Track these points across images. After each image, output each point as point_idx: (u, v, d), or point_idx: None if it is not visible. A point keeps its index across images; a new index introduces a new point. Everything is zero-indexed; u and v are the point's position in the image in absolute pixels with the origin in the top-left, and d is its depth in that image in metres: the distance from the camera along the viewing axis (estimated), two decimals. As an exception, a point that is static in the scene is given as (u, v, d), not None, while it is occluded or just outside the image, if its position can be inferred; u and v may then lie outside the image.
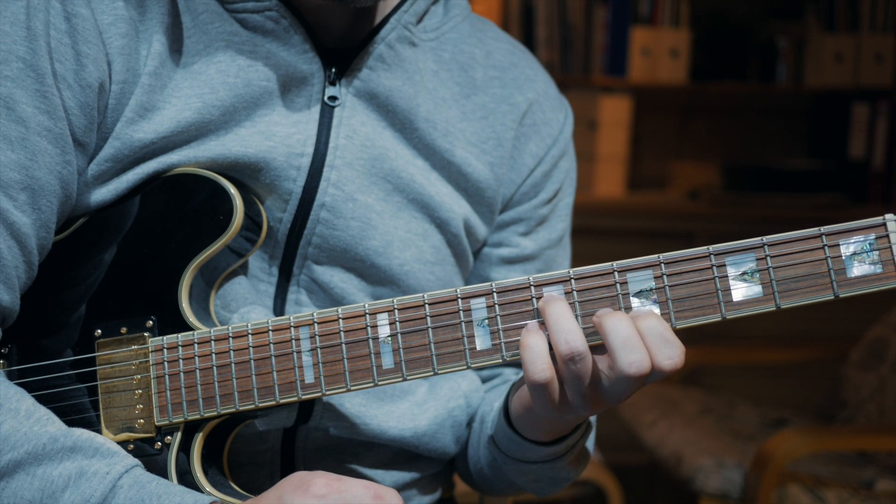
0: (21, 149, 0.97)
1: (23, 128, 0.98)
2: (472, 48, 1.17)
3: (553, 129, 1.19)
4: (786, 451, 2.33)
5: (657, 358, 0.88)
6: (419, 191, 1.10)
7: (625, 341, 0.88)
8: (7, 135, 0.97)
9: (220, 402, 0.99)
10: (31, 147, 0.98)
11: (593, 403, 0.92)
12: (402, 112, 1.10)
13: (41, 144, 0.98)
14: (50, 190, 0.99)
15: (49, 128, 0.99)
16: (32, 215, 0.99)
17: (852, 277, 0.89)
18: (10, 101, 0.97)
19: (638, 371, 0.87)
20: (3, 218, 0.97)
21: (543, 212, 1.19)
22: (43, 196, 0.99)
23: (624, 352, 0.87)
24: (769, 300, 0.90)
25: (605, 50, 3.69)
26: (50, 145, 0.99)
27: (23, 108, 0.98)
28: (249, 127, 1.04)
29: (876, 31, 3.72)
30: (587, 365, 0.89)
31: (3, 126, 0.97)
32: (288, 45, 1.06)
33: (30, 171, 0.98)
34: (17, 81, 0.98)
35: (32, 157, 0.98)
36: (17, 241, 0.98)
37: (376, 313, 0.96)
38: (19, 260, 0.99)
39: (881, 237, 0.89)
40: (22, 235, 0.98)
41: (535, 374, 0.90)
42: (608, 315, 0.89)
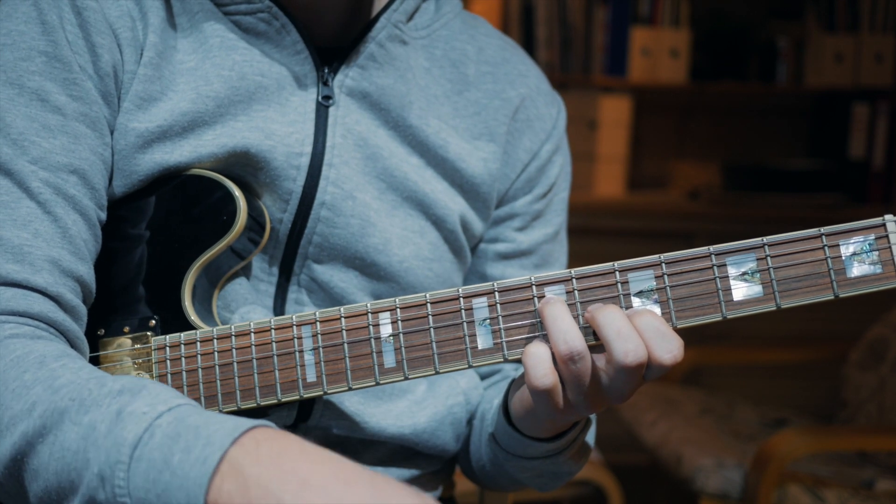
0: (62, 135, 0.99)
1: (60, 116, 0.99)
2: (463, 45, 1.17)
3: (546, 123, 1.19)
4: (786, 451, 2.33)
5: (657, 352, 0.88)
6: (413, 188, 1.11)
7: (619, 332, 0.88)
8: (47, 124, 0.98)
9: (221, 401, 0.99)
10: (72, 132, 0.99)
11: (594, 403, 0.92)
12: (395, 110, 1.10)
13: (80, 129, 1.00)
14: (98, 170, 1.01)
15: (85, 113, 1.00)
16: (88, 194, 1.00)
17: (852, 277, 0.90)
18: (42, 93, 0.99)
19: (634, 360, 0.87)
20: (63, 193, 0.98)
21: (539, 206, 1.20)
22: (93, 176, 1.00)
23: (619, 342, 0.88)
24: (770, 300, 0.91)
25: (605, 50, 3.70)
26: (88, 129, 1.00)
27: (56, 98, 0.99)
28: (246, 121, 1.04)
29: (876, 31, 3.72)
30: (586, 364, 0.89)
31: (41, 118, 0.98)
32: (281, 46, 1.06)
33: (75, 154, 0.99)
34: (44, 74, 0.99)
35: (75, 141, 0.99)
36: (80, 215, 0.99)
37: (378, 312, 0.96)
38: (87, 234, 0.99)
39: (881, 237, 0.89)
40: (84, 208, 0.99)
41: (537, 380, 0.90)
42: (600, 308, 0.89)
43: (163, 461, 0.78)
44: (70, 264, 0.97)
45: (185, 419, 0.81)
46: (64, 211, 0.97)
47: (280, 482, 0.75)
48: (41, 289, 0.94)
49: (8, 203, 0.96)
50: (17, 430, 0.85)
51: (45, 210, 0.96)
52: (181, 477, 0.77)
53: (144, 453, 0.79)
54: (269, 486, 0.75)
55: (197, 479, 0.77)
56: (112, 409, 0.82)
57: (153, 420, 0.81)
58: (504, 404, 1.06)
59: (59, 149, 0.98)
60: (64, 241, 0.97)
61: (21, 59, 0.99)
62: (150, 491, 0.78)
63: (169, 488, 0.77)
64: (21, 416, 0.85)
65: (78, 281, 0.98)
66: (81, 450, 0.81)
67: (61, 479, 0.82)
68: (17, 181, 0.96)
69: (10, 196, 0.96)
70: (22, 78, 0.98)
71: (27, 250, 0.94)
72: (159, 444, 0.79)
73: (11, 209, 0.95)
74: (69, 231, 0.97)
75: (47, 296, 0.95)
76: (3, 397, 0.86)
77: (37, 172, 0.97)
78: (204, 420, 0.80)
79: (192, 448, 0.78)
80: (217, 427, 0.79)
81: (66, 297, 0.96)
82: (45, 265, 0.95)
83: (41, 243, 0.95)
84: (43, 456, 0.83)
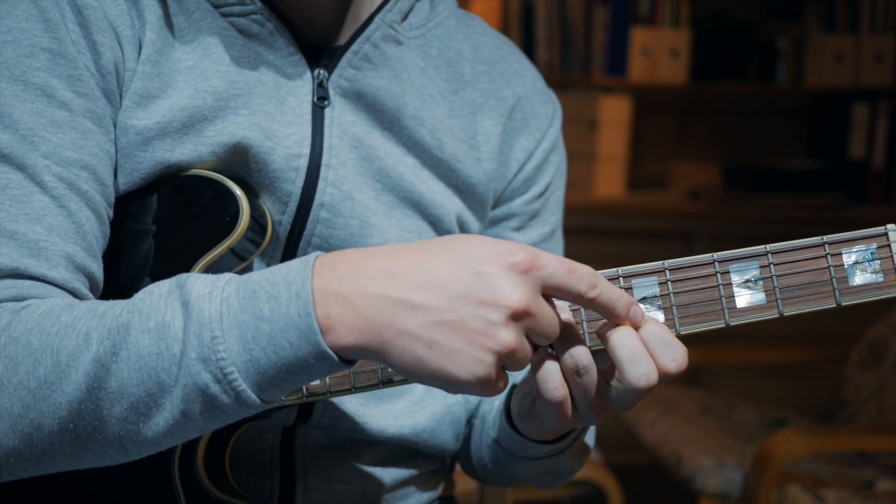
0: (71, 130, 0.98)
1: (67, 112, 0.98)
2: (459, 44, 1.17)
3: (542, 123, 1.19)
4: (786, 451, 2.33)
5: (661, 360, 0.88)
6: (409, 189, 1.11)
7: (632, 355, 0.87)
8: (54, 120, 0.98)
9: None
10: (80, 128, 0.98)
11: (601, 413, 0.92)
12: (390, 111, 1.10)
13: (87, 125, 0.99)
14: (106, 166, 1.00)
15: (91, 109, 1.00)
16: (99, 189, 0.99)
17: (854, 286, 0.90)
18: (48, 89, 0.98)
19: (647, 384, 0.87)
20: (76, 188, 0.97)
21: (535, 206, 1.20)
22: (102, 172, 0.99)
23: (632, 366, 0.87)
24: (772, 307, 0.91)
25: (605, 50, 3.70)
26: (95, 126, 1.00)
27: (62, 94, 0.98)
28: (246, 115, 1.04)
29: (876, 31, 3.72)
30: (592, 378, 0.89)
31: (48, 113, 0.97)
32: (274, 48, 1.07)
33: (85, 149, 0.98)
34: (49, 71, 0.98)
35: (83, 136, 0.99)
36: (92, 211, 0.98)
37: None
38: (98, 230, 0.99)
39: (883, 247, 0.90)
40: (95, 204, 0.98)
41: (548, 394, 0.90)
42: (613, 329, 0.89)
43: (255, 318, 0.81)
44: (83, 260, 0.96)
45: (247, 282, 0.83)
46: (77, 206, 0.96)
47: (376, 285, 0.79)
48: (58, 283, 0.94)
49: (20, 197, 0.95)
50: (85, 360, 0.84)
51: (59, 204, 0.95)
52: (283, 319, 0.80)
53: (232, 321, 0.81)
54: (368, 291, 0.79)
55: (301, 312, 0.80)
56: (174, 304, 0.83)
57: (221, 294, 0.82)
58: (506, 408, 1.07)
59: (68, 144, 0.97)
60: (77, 237, 0.96)
61: (24, 56, 0.98)
62: (253, 349, 0.80)
63: (274, 335, 0.80)
64: (80, 348, 0.84)
65: (89, 278, 0.97)
66: (164, 349, 0.82)
67: (149, 387, 0.83)
68: (29, 175, 0.95)
69: (23, 190, 0.95)
70: (26, 74, 0.98)
71: (43, 245, 0.94)
72: (241, 307, 0.81)
73: (24, 203, 0.94)
74: (83, 227, 0.97)
75: (64, 290, 0.94)
76: (50, 342, 0.85)
77: (49, 167, 0.96)
78: (265, 275, 0.82)
79: (278, 296, 0.80)
80: (285, 272, 0.82)
81: (81, 293, 0.95)
82: (61, 261, 0.94)
83: (56, 238, 0.94)
84: (121, 373, 0.83)
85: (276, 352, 0.81)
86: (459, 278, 0.79)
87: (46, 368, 0.85)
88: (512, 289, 0.78)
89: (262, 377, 0.82)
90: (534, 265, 0.80)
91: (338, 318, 0.80)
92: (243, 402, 0.82)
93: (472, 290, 0.78)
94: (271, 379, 0.82)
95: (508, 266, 0.79)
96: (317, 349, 0.80)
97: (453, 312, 0.78)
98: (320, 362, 0.81)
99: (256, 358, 0.81)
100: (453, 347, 0.79)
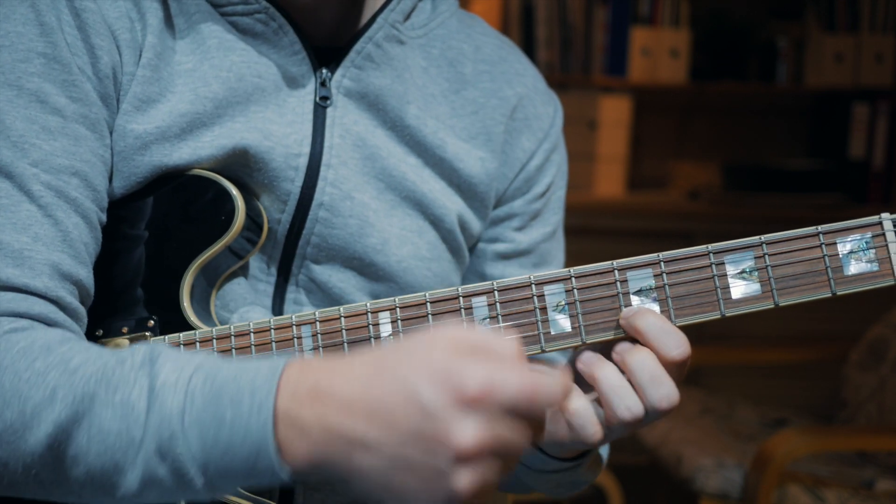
0: (63, 137, 0.98)
1: (60, 118, 0.98)
2: (460, 43, 1.17)
3: (544, 123, 1.19)
4: (786, 451, 2.33)
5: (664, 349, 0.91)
6: (411, 188, 1.11)
7: (652, 377, 0.91)
8: (47, 126, 0.98)
9: (222, 401, 0.99)
10: (73, 134, 0.99)
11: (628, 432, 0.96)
12: (393, 110, 1.10)
13: (80, 131, 0.99)
14: (99, 171, 1.00)
15: (85, 114, 1.00)
16: (90, 196, 0.99)
17: (849, 275, 0.90)
18: (42, 94, 0.98)
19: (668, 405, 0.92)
20: (64, 196, 0.97)
21: (537, 206, 1.20)
22: (94, 178, 1.00)
23: (652, 388, 0.91)
24: (768, 298, 0.91)
25: (605, 50, 3.70)
26: (88, 131, 1.00)
27: (56, 100, 0.98)
28: (244, 122, 1.04)
29: (876, 31, 3.72)
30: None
31: (41, 119, 0.98)
32: (278, 47, 1.06)
33: (76, 156, 0.99)
34: (43, 76, 0.98)
35: (76, 142, 0.99)
36: (81, 218, 0.98)
37: (378, 312, 0.96)
38: (88, 236, 0.99)
39: (877, 235, 0.90)
40: (85, 210, 0.98)
41: (589, 438, 0.94)
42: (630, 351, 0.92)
43: (216, 420, 0.80)
44: (70, 268, 0.96)
45: (214, 376, 0.82)
46: (65, 214, 0.97)
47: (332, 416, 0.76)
48: (41, 292, 0.94)
49: (8, 206, 0.95)
50: (47, 420, 0.84)
51: (46, 213, 0.96)
52: (242, 429, 0.79)
53: (193, 419, 0.80)
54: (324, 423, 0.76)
55: (260, 430, 0.78)
56: (142, 384, 0.83)
57: (187, 385, 0.82)
58: None
59: (59, 151, 0.98)
60: (64, 245, 0.96)
61: (19, 61, 0.98)
62: (211, 451, 0.80)
63: (231, 444, 0.79)
64: (44, 404, 0.84)
65: (77, 284, 0.97)
66: (123, 430, 0.82)
67: (104, 461, 0.83)
68: (17, 184, 0.96)
69: (10, 199, 0.95)
70: (20, 79, 0.98)
71: (27, 254, 0.94)
72: (204, 405, 0.80)
73: (11, 213, 0.95)
74: (70, 234, 0.97)
75: (47, 299, 0.94)
76: (20, 388, 0.85)
77: (38, 175, 0.96)
78: (234, 371, 0.82)
79: (241, 401, 0.79)
80: (252, 375, 0.80)
81: (65, 300, 0.96)
82: (45, 269, 0.94)
83: (41, 247, 0.95)
84: (81, 441, 0.83)
85: (233, 459, 0.80)
86: (408, 415, 0.74)
87: (13, 414, 0.85)
88: (462, 428, 0.72)
89: (216, 476, 0.81)
90: (487, 396, 0.72)
91: (293, 445, 0.78)
92: (197, 492, 0.82)
93: (421, 430, 0.73)
94: (225, 479, 0.81)
95: (457, 401, 0.73)
96: (271, 469, 0.79)
97: (403, 454, 0.74)
98: (273, 477, 0.79)
99: (213, 460, 0.80)
100: (408, 489, 0.75)
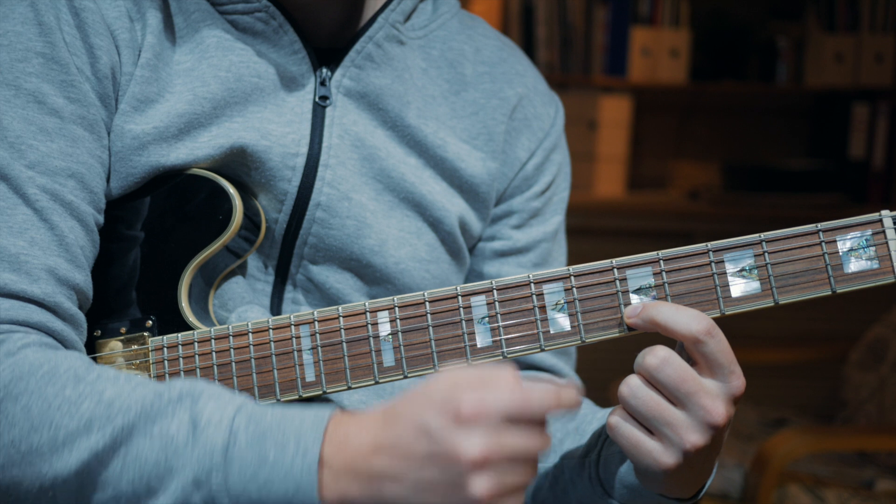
0: (60, 138, 0.98)
1: (58, 119, 0.98)
2: (461, 44, 1.17)
3: (544, 122, 1.19)
4: (786, 451, 2.33)
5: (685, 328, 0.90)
6: (410, 190, 1.11)
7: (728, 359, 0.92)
8: (44, 127, 0.97)
9: (220, 401, 0.99)
10: (70, 135, 0.98)
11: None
12: (393, 111, 1.10)
13: (78, 132, 0.99)
14: (96, 173, 1.00)
15: (83, 115, 1.00)
16: (87, 198, 0.99)
17: (849, 273, 0.90)
18: (39, 95, 0.98)
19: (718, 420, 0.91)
20: (60, 199, 0.97)
21: (536, 204, 1.20)
22: (91, 180, 0.99)
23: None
24: (767, 296, 0.91)
25: (605, 50, 3.70)
26: (86, 132, 1.00)
27: (53, 100, 0.98)
28: (242, 122, 1.04)
29: (876, 31, 3.72)
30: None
31: (38, 120, 0.97)
32: (278, 46, 1.06)
33: (73, 157, 0.98)
34: (41, 76, 0.98)
35: (73, 144, 0.98)
36: (78, 221, 0.98)
37: (377, 311, 0.96)
38: (84, 240, 0.99)
39: (877, 233, 0.90)
40: (81, 213, 0.98)
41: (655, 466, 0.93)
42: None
43: (258, 458, 0.84)
44: (67, 273, 0.96)
45: (259, 420, 0.86)
46: (61, 218, 0.96)
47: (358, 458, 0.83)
48: (38, 299, 0.94)
49: (4, 209, 0.95)
50: (81, 447, 0.86)
51: (42, 217, 0.96)
52: (284, 469, 0.83)
53: (235, 455, 0.84)
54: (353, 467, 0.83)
55: (304, 471, 0.83)
56: (182, 417, 0.86)
57: (231, 423, 0.85)
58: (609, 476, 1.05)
59: (56, 152, 0.97)
60: (60, 249, 0.96)
61: (17, 61, 0.98)
62: (248, 484, 0.84)
63: (271, 480, 0.83)
64: (79, 432, 0.86)
65: (74, 289, 0.97)
66: (162, 460, 0.85)
67: (136, 487, 0.85)
68: (13, 187, 0.95)
69: (6, 202, 0.95)
70: (18, 79, 0.98)
71: (24, 259, 0.94)
72: (247, 445, 0.84)
73: (7, 216, 0.95)
74: (66, 239, 0.96)
75: (44, 306, 0.94)
76: (51, 415, 0.87)
77: (34, 178, 0.96)
78: (278, 418, 0.86)
79: (285, 445, 0.84)
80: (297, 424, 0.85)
81: (63, 307, 0.96)
82: (42, 274, 0.94)
83: (38, 252, 0.95)
84: (115, 468, 0.86)
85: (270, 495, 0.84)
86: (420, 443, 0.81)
87: (41, 439, 0.87)
88: (466, 442, 0.80)
89: None
90: (481, 411, 0.80)
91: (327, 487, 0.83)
92: None
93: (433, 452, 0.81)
94: None
95: (457, 421, 0.80)
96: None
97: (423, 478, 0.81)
98: None
99: (249, 493, 0.84)
100: None
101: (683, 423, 0.90)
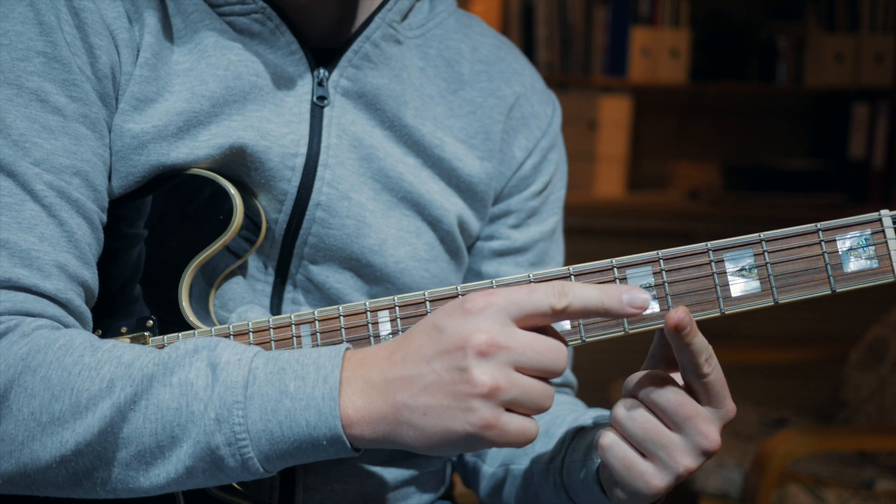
0: (64, 136, 0.98)
1: (60, 117, 0.98)
2: (458, 43, 1.17)
3: (541, 121, 1.19)
4: (786, 451, 2.33)
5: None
6: (409, 189, 1.11)
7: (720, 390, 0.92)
8: (47, 125, 0.98)
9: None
10: (73, 133, 0.99)
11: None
12: (391, 110, 1.10)
13: (81, 130, 0.99)
14: (99, 171, 1.00)
15: (85, 114, 1.00)
16: (91, 196, 0.99)
17: (849, 272, 0.90)
18: (42, 93, 0.98)
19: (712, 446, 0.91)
20: (66, 196, 0.97)
21: (534, 204, 1.20)
22: (94, 178, 1.00)
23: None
24: (767, 295, 0.91)
25: (605, 50, 3.70)
26: (88, 131, 1.00)
27: (56, 99, 0.98)
28: (241, 120, 1.04)
29: (876, 31, 3.72)
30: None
31: (41, 118, 0.97)
32: (275, 46, 1.06)
33: (77, 155, 0.98)
34: (43, 75, 0.98)
35: (76, 142, 0.99)
36: (84, 218, 0.98)
37: (377, 311, 0.96)
38: (90, 237, 0.99)
39: (877, 233, 0.90)
40: (87, 211, 0.98)
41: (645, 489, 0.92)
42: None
43: (279, 392, 0.85)
44: (76, 269, 0.96)
45: (276, 358, 0.88)
46: (68, 214, 0.97)
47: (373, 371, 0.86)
48: (51, 295, 0.94)
49: (12, 205, 0.95)
50: (104, 405, 0.87)
51: (50, 213, 0.96)
52: (306, 398, 0.85)
53: (255, 391, 0.86)
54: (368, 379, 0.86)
55: (326, 396, 0.85)
56: (200, 365, 0.87)
57: (250, 363, 0.87)
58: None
59: (60, 150, 0.97)
60: (69, 246, 0.96)
61: (19, 60, 0.98)
62: (269, 420, 0.85)
63: (294, 411, 0.85)
64: (102, 393, 0.87)
65: (83, 286, 0.98)
66: (183, 405, 0.86)
67: (160, 438, 0.87)
68: (20, 183, 0.95)
69: (14, 198, 0.95)
70: (20, 78, 0.98)
71: (35, 255, 0.94)
72: (267, 380, 0.86)
73: (16, 212, 0.95)
74: (74, 235, 0.97)
75: (57, 302, 0.95)
76: (71, 381, 0.88)
77: (40, 175, 0.96)
78: (296, 355, 0.88)
79: (305, 376, 0.86)
80: (315, 356, 0.87)
81: (74, 303, 0.96)
82: (54, 271, 0.95)
83: (48, 248, 0.95)
84: (136, 421, 0.87)
85: (293, 427, 0.85)
86: (431, 341, 0.84)
87: (63, 406, 0.87)
88: (474, 328, 0.82)
89: (271, 449, 0.86)
90: (489, 302, 0.83)
91: (354, 409, 0.85)
92: (247, 468, 0.86)
93: (441, 345, 0.83)
94: (279, 452, 0.86)
95: (464, 311, 0.84)
96: (333, 432, 0.85)
97: (433, 373, 0.83)
98: (331, 444, 0.85)
99: (271, 430, 0.85)
100: (442, 406, 0.83)
101: (679, 446, 0.91)
